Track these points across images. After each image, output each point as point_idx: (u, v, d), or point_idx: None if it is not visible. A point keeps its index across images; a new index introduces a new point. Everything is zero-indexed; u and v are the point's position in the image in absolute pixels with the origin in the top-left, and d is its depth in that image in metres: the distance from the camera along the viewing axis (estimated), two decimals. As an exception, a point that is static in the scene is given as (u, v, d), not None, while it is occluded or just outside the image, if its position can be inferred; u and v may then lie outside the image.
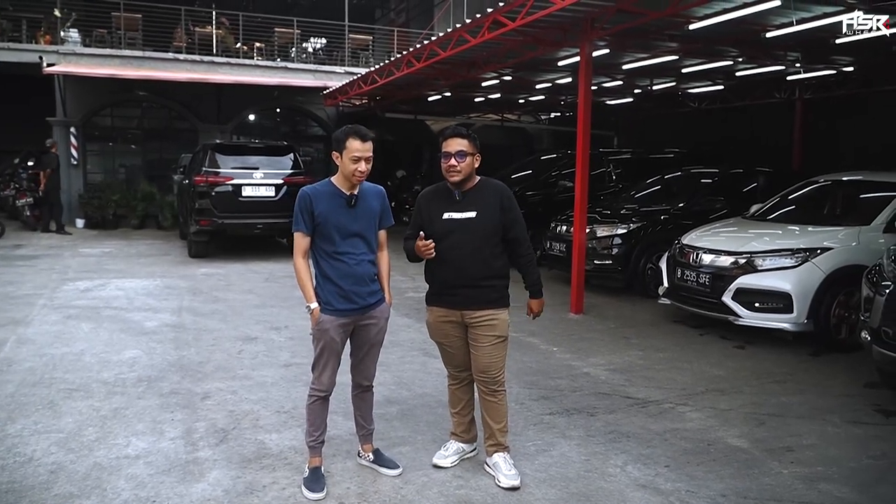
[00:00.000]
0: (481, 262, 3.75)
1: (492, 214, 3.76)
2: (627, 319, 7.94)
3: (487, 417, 3.94)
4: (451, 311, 3.84)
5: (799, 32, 8.24)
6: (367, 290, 3.69)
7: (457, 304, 3.81)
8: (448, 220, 3.78)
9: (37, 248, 13.02)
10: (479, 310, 3.78)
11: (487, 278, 3.77)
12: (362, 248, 3.68)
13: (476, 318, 3.78)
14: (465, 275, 3.75)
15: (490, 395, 3.89)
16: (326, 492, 3.68)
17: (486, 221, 3.76)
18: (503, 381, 3.92)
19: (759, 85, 13.25)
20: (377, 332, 3.80)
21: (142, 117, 18.81)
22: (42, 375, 5.52)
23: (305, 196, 3.62)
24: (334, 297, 3.62)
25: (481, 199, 3.79)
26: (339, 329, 3.65)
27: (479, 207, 3.77)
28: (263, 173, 11.71)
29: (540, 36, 8.76)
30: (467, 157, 3.72)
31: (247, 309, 8.14)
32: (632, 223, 9.26)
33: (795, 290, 6.42)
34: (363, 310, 3.70)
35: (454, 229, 3.76)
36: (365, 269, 3.68)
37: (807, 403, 5.16)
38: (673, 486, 3.83)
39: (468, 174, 3.76)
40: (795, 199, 8.16)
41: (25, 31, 16.35)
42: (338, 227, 3.59)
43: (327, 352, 3.67)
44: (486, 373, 3.85)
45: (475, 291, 3.77)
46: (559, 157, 12.92)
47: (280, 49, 18.60)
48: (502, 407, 3.92)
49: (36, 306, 7.98)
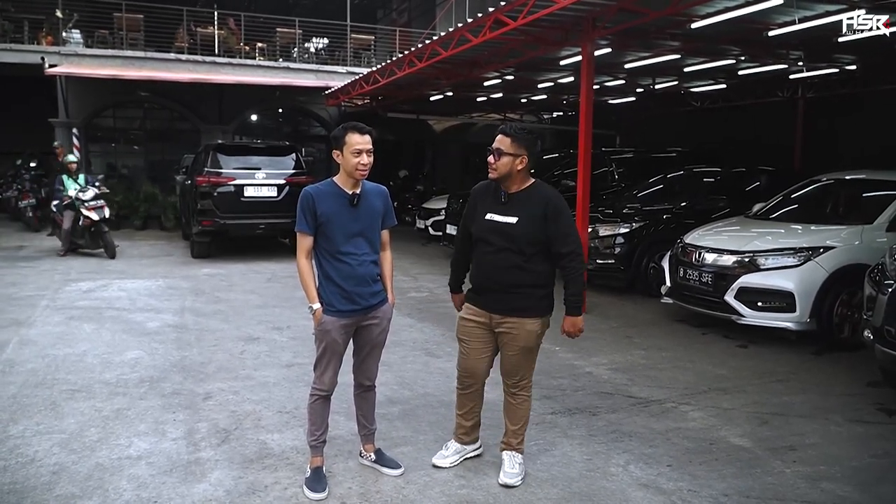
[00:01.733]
0: (514, 268, 3.63)
1: (533, 222, 3.60)
2: (630, 319, 7.93)
3: (506, 417, 3.94)
4: (482, 312, 3.78)
5: (801, 31, 8.21)
6: (369, 290, 3.69)
7: (487, 305, 3.75)
8: (488, 222, 3.71)
9: (39, 249, 13.02)
10: (507, 316, 3.70)
11: (518, 286, 3.65)
12: (365, 248, 3.67)
13: (502, 323, 3.73)
14: (493, 279, 3.70)
15: (512, 396, 3.88)
16: (328, 492, 3.68)
17: (525, 229, 3.60)
18: (527, 386, 3.88)
19: (762, 84, 13.22)
20: (380, 333, 3.80)
21: (144, 118, 18.83)
22: (44, 376, 5.52)
23: (308, 196, 3.61)
24: (337, 297, 3.62)
25: (527, 204, 3.65)
26: (341, 330, 3.65)
27: (522, 213, 3.63)
28: (265, 173, 11.71)
29: (541, 35, 8.75)
30: (504, 157, 3.60)
31: (249, 309, 8.14)
32: (634, 222, 9.25)
33: (798, 289, 6.41)
34: (366, 310, 3.70)
35: (492, 231, 3.69)
36: (367, 270, 3.68)
37: (809, 402, 5.15)
38: (675, 485, 3.82)
39: (505, 174, 3.63)
40: (798, 198, 8.15)
41: (27, 32, 16.37)
42: (340, 227, 3.57)
43: (329, 352, 3.66)
44: (509, 376, 3.84)
45: (503, 296, 3.68)
46: (561, 157, 12.92)
47: (282, 49, 18.61)
48: (521, 410, 3.89)
49: (38, 307, 7.99)
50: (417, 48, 10.75)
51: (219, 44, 17.69)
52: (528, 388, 3.89)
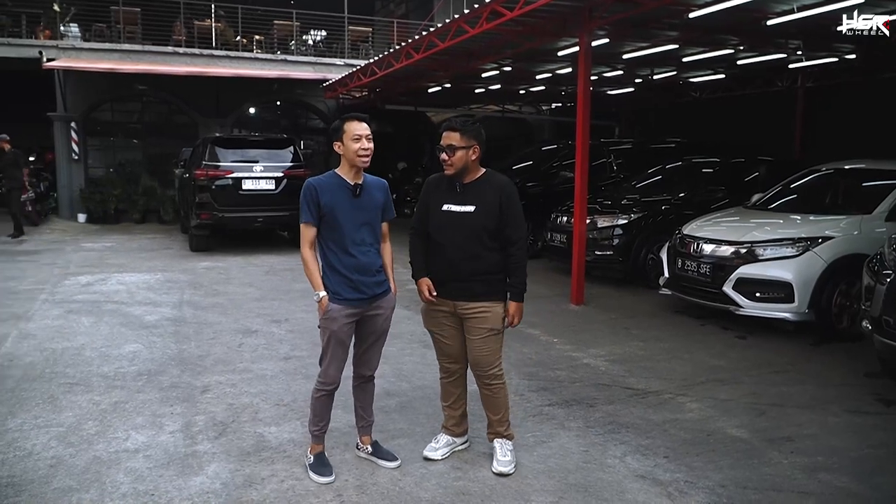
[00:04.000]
0: (473, 257, 3.72)
1: (490, 210, 3.71)
2: (628, 310, 7.92)
3: (485, 408, 3.96)
4: (445, 301, 3.83)
5: (800, 19, 8.16)
6: (373, 280, 3.70)
7: (450, 294, 3.80)
8: (446, 212, 3.77)
9: (38, 242, 13.03)
10: (471, 301, 3.76)
11: (478, 273, 3.74)
12: (368, 238, 3.69)
13: (468, 309, 3.78)
14: (455, 268, 3.74)
15: (485, 387, 3.89)
16: (335, 475, 3.70)
17: (483, 217, 3.71)
18: (499, 373, 3.90)
19: (761, 73, 13.17)
20: (383, 322, 3.82)
21: (142, 111, 18.76)
22: (43, 370, 5.53)
23: (311, 187, 3.62)
24: (342, 287, 3.63)
25: (482, 193, 3.74)
26: (346, 319, 3.66)
27: (479, 202, 3.72)
28: (263, 166, 11.70)
29: (539, 26, 8.70)
30: (458, 151, 3.68)
31: (247, 302, 8.14)
32: (633, 213, 9.23)
33: (796, 280, 6.40)
34: (371, 299, 3.71)
35: (450, 222, 3.75)
36: (371, 260, 3.69)
37: (807, 393, 5.14)
38: (672, 476, 3.82)
39: (461, 167, 3.72)
40: (797, 188, 8.12)
41: (25, 27, 16.31)
42: (344, 217, 3.58)
43: (334, 342, 3.66)
44: (479, 366, 3.85)
45: (465, 285, 3.75)
46: (560, 148, 12.88)
47: (279, 42, 18.54)
48: (499, 399, 3.91)
49: (37, 301, 7.99)
50: (415, 39, 10.70)
51: (216, 37, 17.63)
52: (501, 375, 3.91)
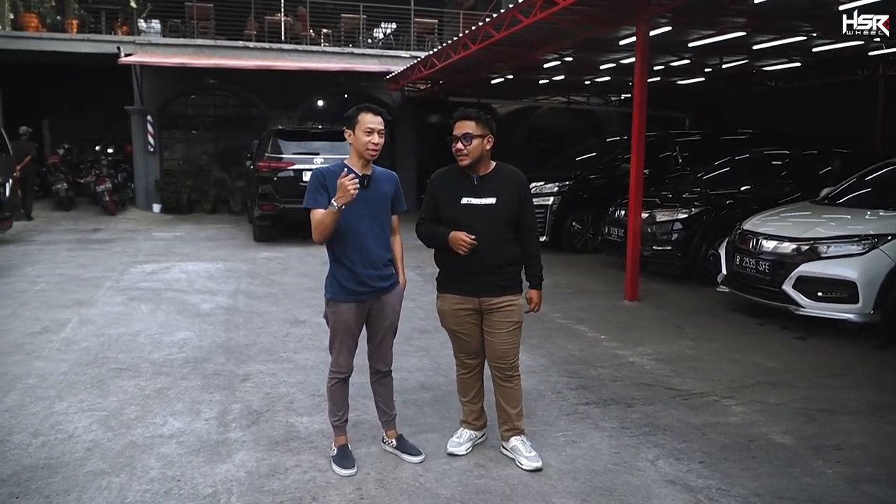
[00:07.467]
0: (500, 249, 3.71)
1: (510, 201, 3.72)
2: (683, 307, 7.66)
3: (504, 403, 3.90)
4: (468, 299, 3.78)
5: (877, 3, 7.68)
6: (380, 273, 3.69)
7: (474, 291, 3.75)
8: (467, 206, 3.72)
9: (113, 231, 13.60)
10: (498, 296, 3.73)
11: (504, 265, 3.74)
12: (375, 230, 3.67)
13: (494, 304, 3.74)
14: (484, 262, 3.69)
15: (506, 380, 3.85)
16: (357, 468, 3.71)
17: (505, 208, 3.71)
18: (518, 365, 3.88)
19: (839, 61, 12.49)
20: (390, 316, 3.80)
21: (214, 105, 19.32)
22: (96, 355, 5.75)
23: (319, 174, 3.63)
24: (348, 280, 3.62)
25: (500, 185, 3.74)
26: (352, 311, 3.66)
27: (499, 194, 3.71)
28: (323, 158, 11.83)
29: (593, 14, 8.47)
30: (474, 140, 3.64)
31: (300, 292, 8.27)
32: (694, 207, 8.93)
33: (861, 279, 6.04)
34: (377, 293, 3.70)
35: (474, 215, 3.69)
36: (378, 253, 3.68)
37: (863, 399, 4.85)
38: (704, 482, 3.66)
39: (477, 157, 3.68)
40: (871, 182, 7.66)
41: (104, 23, 17.02)
42: (351, 209, 3.54)
43: (341, 333, 3.68)
44: (502, 359, 3.80)
45: (493, 278, 3.72)
46: (624, 140, 12.56)
47: (347, 35, 18.73)
48: (517, 391, 3.89)
49: (102, 288, 8.33)
50: (471, 30, 10.61)
51: (285, 31, 17.95)
52: (519, 366, 3.91)
